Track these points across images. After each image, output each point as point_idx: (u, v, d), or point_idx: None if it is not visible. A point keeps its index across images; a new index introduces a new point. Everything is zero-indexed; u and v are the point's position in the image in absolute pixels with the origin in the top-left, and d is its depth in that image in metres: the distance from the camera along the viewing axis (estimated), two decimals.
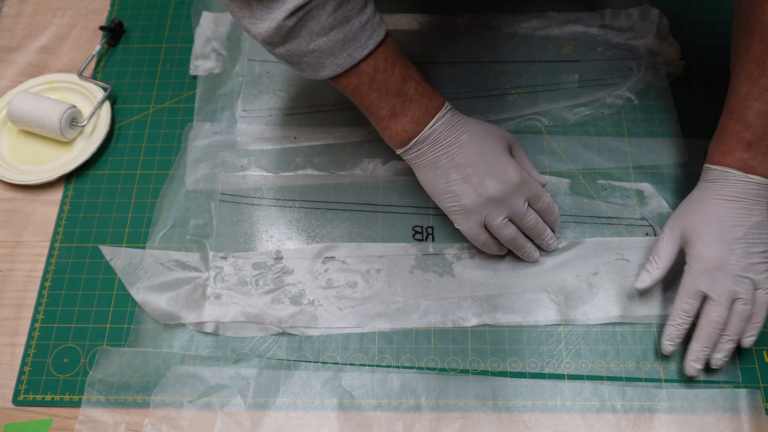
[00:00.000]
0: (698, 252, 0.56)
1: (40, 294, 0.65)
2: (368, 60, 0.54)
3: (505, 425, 0.57)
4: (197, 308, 0.62)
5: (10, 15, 0.82)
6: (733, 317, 0.55)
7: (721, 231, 0.56)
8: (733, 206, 0.56)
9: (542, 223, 0.61)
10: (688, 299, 0.56)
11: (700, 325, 0.56)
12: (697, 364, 0.56)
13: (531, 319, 0.61)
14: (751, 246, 0.56)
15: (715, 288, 0.55)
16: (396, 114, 0.56)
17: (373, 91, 0.55)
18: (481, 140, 0.58)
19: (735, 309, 0.55)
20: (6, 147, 0.73)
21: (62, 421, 0.60)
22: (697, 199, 0.59)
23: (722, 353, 0.56)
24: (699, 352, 0.56)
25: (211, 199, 0.68)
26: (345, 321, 0.62)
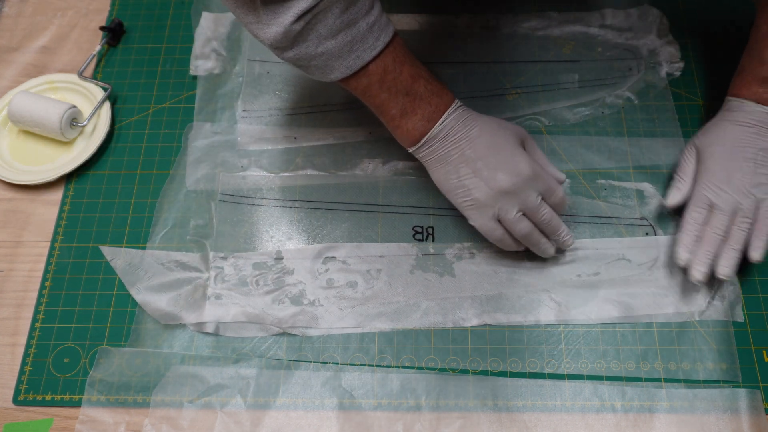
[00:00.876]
0: (709, 166, 0.61)
1: (41, 294, 0.65)
2: (377, 61, 0.54)
3: (505, 425, 0.57)
4: (198, 308, 0.62)
5: (10, 15, 0.82)
6: (735, 228, 0.59)
7: (732, 150, 0.61)
8: (746, 130, 0.61)
9: (557, 218, 0.60)
10: (697, 208, 0.60)
11: (705, 231, 0.60)
12: (702, 268, 0.59)
13: (532, 319, 0.61)
14: (759, 167, 0.60)
15: (721, 198, 0.59)
16: (406, 113, 0.57)
17: (383, 91, 0.56)
18: (491, 134, 0.58)
19: (737, 221, 0.59)
20: (6, 147, 0.73)
21: (62, 421, 0.60)
22: (715, 124, 0.64)
23: (726, 261, 0.58)
24: (704, 257, 0.59)
25: (212, 200, 0.68)
26: (345, 321, 0.62)
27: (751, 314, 0.61)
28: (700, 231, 0.60)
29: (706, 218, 0.60)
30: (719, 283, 0.61)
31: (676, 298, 0.61)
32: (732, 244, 0.59)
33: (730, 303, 0.61)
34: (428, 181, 0.61)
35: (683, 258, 0.60)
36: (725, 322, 0.60)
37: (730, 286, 0.61)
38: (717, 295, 0.61)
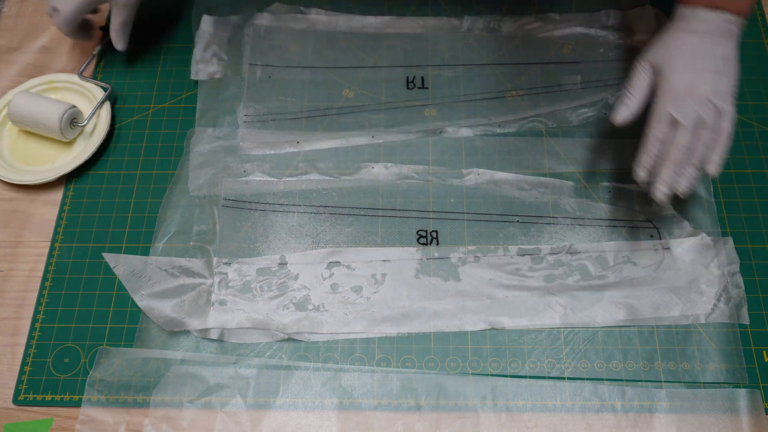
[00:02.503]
0: (668, 78, 0.58)
1: (41, 294, 0.65)
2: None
3: (505, 425, 0.57)
4: (202, 315, 0.62)
5: (10, 15, 0.82)
6: (698, 143, 0.57)
7: (691, 59, 0.59)
8: (703, 39, 0.59)
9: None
10: (659, 125, 0.58)
11: (668, 150, 0.57)
12: (664, 188, 0.57)
13: (537, 322, 0.61)
14: (719, 75, 0.58)
15: (683, 111, 0.57)
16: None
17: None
18: None
19: (699, 135, 0.57)
20: (6, 147, 0.73)
21: (62, 420, 0.60)
22: (669, 35, 0.61)
23: (685, 178, 0.57)
24: (666, 176, 0.57)
25: (215, 205, 0.68)
26: (350, 326, 0.62)
27: (751, 314, 0.61)
28: (661, 149, 0.58)
29: (668, 135, 0.58)
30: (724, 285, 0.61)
31: (682, 301, 0.61)
32: (693, 160, 0.57)
33: (735, 305, 0.61)
34: (432, 185, 0.60)
35: (642, 177, 0.58)
36: (730, 324, 0.60)
37: (736, 289, 0.61)
38: (723, 297, 0.61)
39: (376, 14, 0.78)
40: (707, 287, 0.62)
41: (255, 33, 0.77)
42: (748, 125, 0.70)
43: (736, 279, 0.62)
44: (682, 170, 0.57)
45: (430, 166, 0.69)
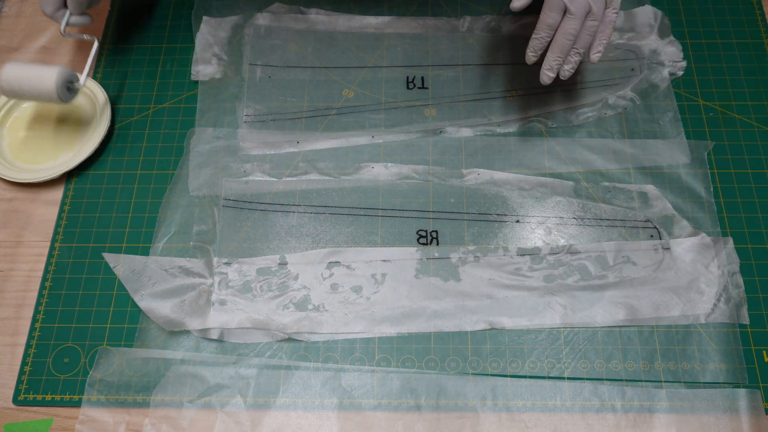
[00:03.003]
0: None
1: (41, 294, 0.65)
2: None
3: (504, 425, 0.57)
4: (202, 315, 0.62)
5: (10, 15, 0.82)
6: (583, 31, 0.61)
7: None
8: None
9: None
10: (551, 12, 0.60)
11: (556, 37, 0.61)
12: (550, 72, 0.62)
13: (537, 322, 0.61)
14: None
15: (575, 2, 0.60)
16: None
17: None
18: None
19: (585, 24, 0.61)
20: (7, 146, 0.73)
21: (62, 420, 0.60)
22: None
23: (570, 65, 0.62)
24: (552, 61, 0.62)
25: (215, 205, 0.68)
26: (351, 326, 0.62)
27: (751, 314, 0.61)
28: (551, 35, 0.61)
29: (557, 23, 0.61)
30: (724, 285, 0.61)
31: (682, 301, 0.61)
32: (578, 48, 0.61)
33: (735, 305, 0.61)
34: (432, 185, 0.60)
35: (531, 60, 0.63)
36: (730, 324, 0.60)
37: (736, 289, 0.61)
38: (723, 297, 0.61)
39: (376, 14, 0.78)
40: (707, 287, 0.62)
41: (255, 33, 0.78)
42: (748, 125, 0.70)
43: (736, 279, 0.62)
44: (569, 57, 0.62)
45: (430, 166, 0.69)
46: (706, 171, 0.67)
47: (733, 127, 0.70)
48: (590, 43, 0.62)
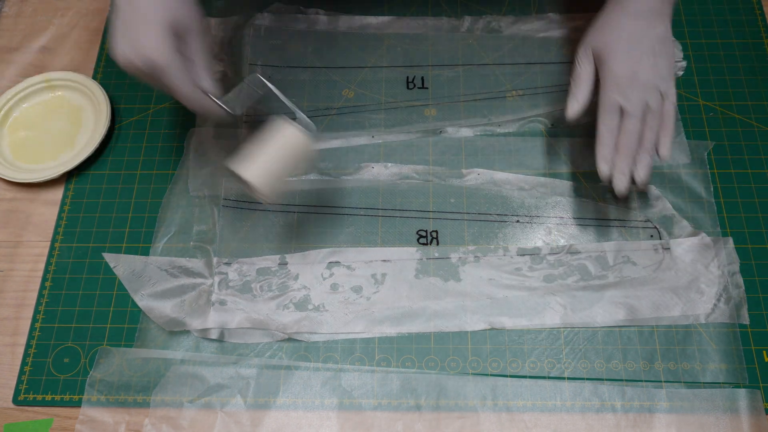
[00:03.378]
0: (610, 68, 0.60)
1: (41, 294, 0.65)
2: None
3: (505, 425, 0.57)
4: (202, 315, 0.62)
5: (10, 15, 0.82)
6: (646, 129, 0.59)
7: (629, 46, 0.60)
8: (638, 22, 0.60)
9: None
10: (608, 115, 0.59)
11: (620, 139, 0.59)
12: (624, 177, 0.59)
13: (537, 322, 0.61)
14: (658, 58, 0.60)
15: (629, 99, 0.59)
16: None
17: None
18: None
19: (647, 121, 0.59)
20: (7, 146, 0.73)
21: (62, 421, 0.60)
22: (605, 19, 0.62)
23: (643, 168, 0.59)
24: (624, 166, 0.59)
25: (215, 205, 0.68)
26: (351, 326, 0.62)
27: (751, 314, 0.61)
28: (614, 139, 0.59)
29: (618, 124, 0.59)
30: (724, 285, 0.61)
31: (682, 301, 0.61)
32: (646, 148, 0.59)
33: (735, 305, 0.61)
34: (432, 185, 0.60)
35: (605, 172, 0.59)
36: (730, 324, 0.60)
37: (736, 289, 0.61)
38: (723, 297, 0.61)
39: (376, 14, 0.78)
40: (707, 287, 0.62)
41: (255, 33, 0.78)
42: (748, 125, 0.70)
43: (736, 279, 0.62)
44: (638, 159, 0.59)
45: (430, 166, 0.69)
46: (706, 171, 0.67)
47: (733, 127, 0.70)
48: (657, 139, 0.60)
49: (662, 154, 0.59)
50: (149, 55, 0.51)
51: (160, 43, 0.51)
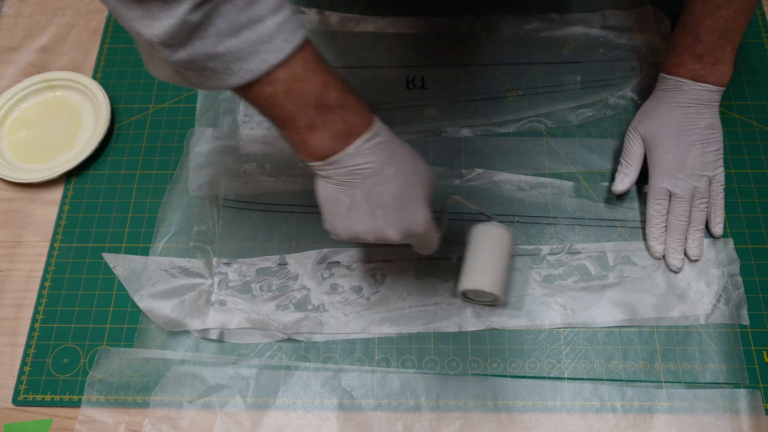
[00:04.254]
0: (660, 157, 0.63)
1: (40, 294, 0.65)
2: (284, 66, 0.45)
3: (505, 425, 0.57)
4: (202, 315, 0.62)
5: (10, 15, 0.82)
6: (695, 211, 0.63)
7: (678, 136, 0.63)
8: (687, 112, 0.63)
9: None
10: (657, 200, 0.63)
11: (670, 221, 0.63)
12: (677, 255, 0.62)
13: (537, 323, 0.61)
14: (706, 146, 0.63)
15: (678, 186, 0.62)
16: (314, 127, 0.48)
17: (290, 101, 0.47)
18: (404, 180, 0.51)
19: (695, 203, 0.63)
20: (6, 146, 0.73)
21: (62, 421, 0.60)
22: (655, 107, 0.65)
23: (694, 242, 0.63)
24: (675, 244, 0.63)
25: (214, 205, 0.68)
26: (350, 326, 0.62)
27: (751, 315, 0.61)
28: (664, 220, 0.63)
29: (667, 207, 0.63)
30: (724, 286, 0.62)
31: (682, 302, 0.61)
32: (696, 226, 0.63)
33: (735, 306, 0.61)
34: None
35: (658, 250, 0.63)
36: (730, 325, 0.60)
37: (736, 289, 0.61)
38: (723, 298, 0.61)
39: (376, 14, 0.78)
40: (707, 287, 0.62)
41: None
42: (748, 125, 0.70)
43: (736, 279, 0.62)
44: (689, 237, 0.63)
45: (430, 166, 0.68)
46: None
47: (733, 127, 0.70)
48: (710, 218, 0.63)
49: (716, 233, 0.63)
50: (422, 231, 0.51)
51: (428, 216, 0.52)
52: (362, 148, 0.49)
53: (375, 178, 0.50)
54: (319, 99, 0.47)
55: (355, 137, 0.48)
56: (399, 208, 0.50)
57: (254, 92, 0.46)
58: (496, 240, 0.61)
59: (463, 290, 0.60)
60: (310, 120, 0.48)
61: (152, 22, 0.42)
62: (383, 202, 0.50)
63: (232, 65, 0.44)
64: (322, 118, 0.48)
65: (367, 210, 0.51)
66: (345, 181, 0.50)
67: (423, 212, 0.51)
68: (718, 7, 0.59)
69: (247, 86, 0.46)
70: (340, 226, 0.52)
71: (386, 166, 0.50)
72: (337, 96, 0.48)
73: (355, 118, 0.49)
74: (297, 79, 0.46)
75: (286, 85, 0.46)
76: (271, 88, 0.46)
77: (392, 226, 0.51)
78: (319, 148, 0.49)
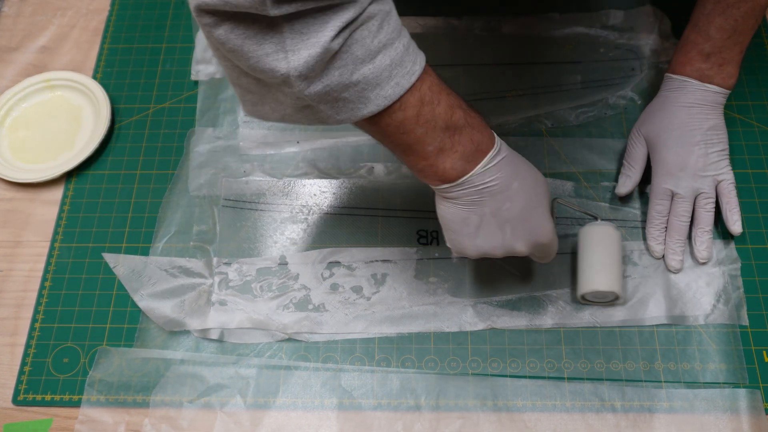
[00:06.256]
0: (662, 157, 0.62)
1: (40, 294, 0.65)
2: (413, 90, 0.45)
3: (505, 425, 0.57)
4: (202, 315, 0.62)
5: (10, 15, 0.82)
6: (699, 210, 0.62)
7: (681, 136, 0.62)
8: (691, 112, 0.62)
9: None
10: (658, 200, 0.62)
11: (670, 220, 0.62)
12: (676, 256, 0.62)
13: (537, 322, 0.61)
14: (710, 147, 0.62)
15: (680, 186, 0.61)
16: (444, 150, 0.47)
17: (420, 125, 0.46)
18: (529, 192, 0.51)
19: (699, 203, 0.62)
20: (7, 146, 0.73)
21: (62, 421, 0.60)
22: (659, 107, 0.64)
23: (702, 245, 0.62)
24: (674, 245, 0.62)
25: (214, 205, 0.68)
26: (351, 326, 0.62)
27: (751, 315, 0.61)
28: (665, 221, 0.63)
29: (669, 207, 0.62)
30: (723, 286, 0.62)
31: (682, 302, 0.61)
32: (702, 227, 0.62)
33: (735, 306, 0.61)
34: None
35: (657, 250, 0.63)
36: (729, 324, 0.60)
37: (736, 290, 0.61)
38: (722, 298, 0.61)
39: None
40: (707, 287, 0.62)
41: None
42: (748, 125, 0.70)
43: (736, 279, 0.62)
44: (696, 238, 0.62)
45: None
46: None
47: (733, 127, 0.70)
48: (713, 220, 0.62)
49: (735, 231, 0.62)
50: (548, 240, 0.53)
51: (552, 225, 0.53)
52: (489, 165, 0.49)
53: (503, 194, 0.50)
54: (447, 121, 0.47)
55: (482, 155, 0.48)
56: (526, 221, 0.51)
57: (384, 120, 0.45)
58: (605, 239, 0.60)
59: (582, 293, 0.60)
60: (440, 143, 0.47)
61: (288, 55, 0.40)
62: (511, 217, 0.51)
63: (367, 93, 0.43)
64: (451, 140, 0.47)
65: (496, 227, 0.51)
66: (473, 200, 0.50)
67: (548, 222, 0.53)
68: (730, 6, 0.59)
69: (377, 115, 0.45)
70: (468, 245, 0.52)
71: (512, 180, 0.50)
72: (462, 116, 0.48)
73: (480, 136, 0.49)
74: (426, 103, 0.46)
75: (416, 110, 0.45)
76: (402, 114, 0.45)
77: (521, 239, 0.51)
78: (449, 171, 0.48)
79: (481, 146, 0.48)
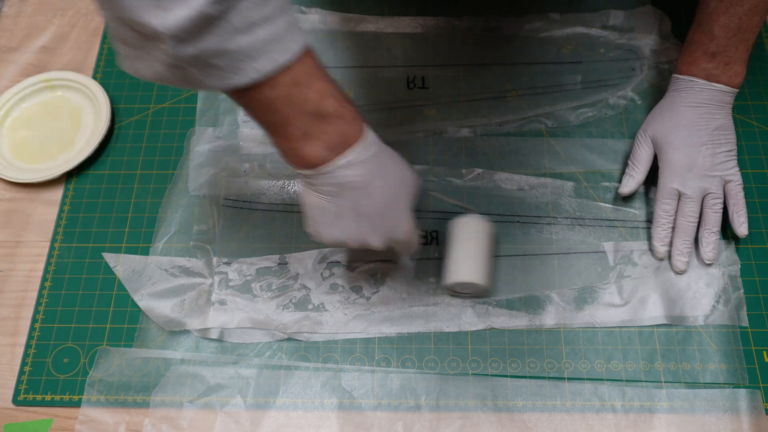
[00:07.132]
0: (669, 157, 0.62)
1: (40, 294, 0.65)
2: (288, 70, 0.44)
3: (505, 425, 0.57)
4: (202, 314, 0.62)
5: (10, 15, 0.82)
6: (707, 211, 0.62)
7: (688, 136, 0.62)
8: (698, 112, 0.62)
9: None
10: (665, 200, 0.62)
11: (677, 221, 0.62)
12: (683, 257, 0.62)
13: (537, 322, 0.61)
14: (717, 146, 0.62)
15: (687, 186, 0.61)
16: (309, 135, 0.47)
17: (288, 107, 0.46)
18: (391, 191, 0.51)
19: (707, 203, 0.62)
20: (6, 146, 0.73)
21: (62, 421, 0.60)
22: (667, 107, 0.64)
23: (708, 246, 0.62)
24: (681, 245, 0.62)
25: (215, 204, 0.68)
26: (350, 326, 0.62)
27: (751, 315, 0.61)
28: (672, 221, 0.62)
29: (675, 207, 0.62)
30: (723, 287, 0.62)
31: (682, 302, 0.61)
32: (710, 228, 0.62)
33: (735, 306, 0.61)
34: (432, 185, 0.60)
35: (661, 251, 0.62)
36: (729, 325, 0.60)
37: (735, 290, 0.61)
38: (722, 299, 0.61)
39: (376, 14, 0.78)
40: (707, 288, 0.62)
41: None
42: (748, 125, 0.70)
43: (736, 280, 0.62)
44: (702, 239, 0.62)
45: (431, 166, 0.69)
46: None
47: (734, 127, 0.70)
48: (720, 221, 0.62)
49: (740, 233, 0.62)
50: (404, 238, 0.54)
51: (410, 223, 0.54)
52: (353, 160, 0.48)
53: (363, 190, 0.50)
54: (317, 107, 0.46)
55: (347, 148, 0.48)
56: (383, 218, 0.51)
57: (253, 95, 0.45)
58: (473, 231, 0.61)
59: (446, 284, 0.60)
60: (306, 128, 0.47)
61: (164, 13, 0.39)
62: (369, 212, 0.51)
63: (240, 63, 0.43)
64: (318, 127, 0.47)
65: (352, 219, 0.51)
66: (333, 191, 0.50)
67: (406, 220, 0.53)
68: (733, 4, 0.60)
69: (246, 88, 0.44)
70: (324, 233, 0.53)
71: (375, 178, 0.50)
72: (334, 105, 0.47)
73: (349, 129, 0.48)
74: (298, 85, 0.45)
75: (287, 90, 0.45)
76: (272, 92, 0.45)
77: (376, 234, 0.52)
78: (310, 157, 0.48)
79: (348, 139, 0.48)
